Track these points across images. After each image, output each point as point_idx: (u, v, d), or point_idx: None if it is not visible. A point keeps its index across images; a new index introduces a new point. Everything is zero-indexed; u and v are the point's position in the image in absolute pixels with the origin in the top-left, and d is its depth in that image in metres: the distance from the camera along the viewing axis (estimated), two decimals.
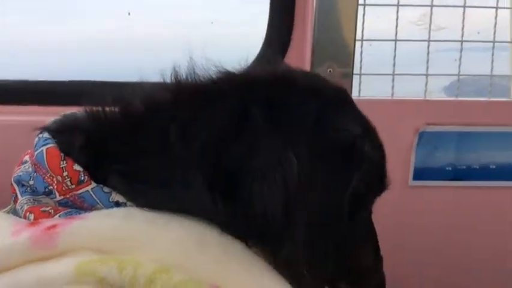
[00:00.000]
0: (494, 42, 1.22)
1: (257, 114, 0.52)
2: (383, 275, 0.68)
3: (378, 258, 0.68)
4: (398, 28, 1.17)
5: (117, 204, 0.52)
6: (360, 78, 1.20)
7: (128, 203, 0.52)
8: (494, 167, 1.19)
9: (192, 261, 0.47)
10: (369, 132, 0.60)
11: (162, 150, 0.52)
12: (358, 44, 1.17)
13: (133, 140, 0.53)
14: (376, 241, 0.68)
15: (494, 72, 1.21)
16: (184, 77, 0.58)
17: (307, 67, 1.13)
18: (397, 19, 1.16)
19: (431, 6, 1.16)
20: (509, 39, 1.37)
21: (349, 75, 1.14)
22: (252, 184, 0.50)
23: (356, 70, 1.19)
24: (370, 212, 0.66)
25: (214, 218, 0.50)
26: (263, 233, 0.50)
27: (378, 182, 0.62)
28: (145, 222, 0.49)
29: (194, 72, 0.58)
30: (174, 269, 0.45)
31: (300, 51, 1.16)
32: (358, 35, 1.16)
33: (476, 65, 1.36)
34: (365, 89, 1.29)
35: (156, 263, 0.45)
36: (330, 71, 1.13)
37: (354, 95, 1.19)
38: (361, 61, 1.19)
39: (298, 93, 0.56)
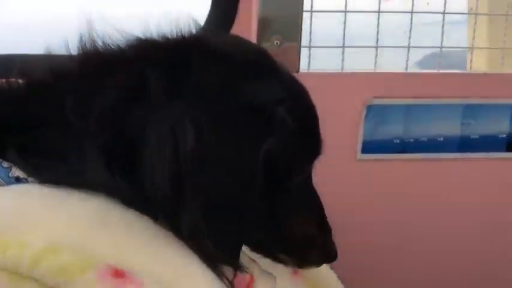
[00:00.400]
0: (444, 13, 1.21)
1: (156, 81, 0.49)
2: (330, 246, 0.66)
3: (322, 228, 0.65)
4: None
5: (18, 179, 0.49)
6: (310, 50, 1.17)
7: (30, 179, 0.49)
8: (442, 139, 1.19)
9: (88, 240, 0.44)
10: (290, 96, 0.56)
11: (59, 123, 0.49)
12: (307, 15, 1.15)
13: (33, 113, 0.51)
14: (319, 210, 0.65)
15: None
16: (94, 46, 0.55)
17: (253, 40, 1.10)
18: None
19: None
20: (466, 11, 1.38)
21: (296, 48, 1.11)
22: (145, 156, 0.47)
23: (307, 43, 1.17)
24: (306, 180, 0.63)
25: (114, 192, 0.48)
26: (160, 206, 0.48)
27: (306, 147, 0.60)
28: (39, 200, 0.46)
29: (105, 41, 0.55)
30: (66, 249, 0.42)
31: (246, 24, 1.12)
32: (307, 7, 1.13)
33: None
34: (319, 63, 1.28)
35: (44, 243, 0.42)
36: (277, 43, 1.10)
37: (303, 68, 1.17)
38: (310, 33, 1.17)
39: (205, 56, 0.53)
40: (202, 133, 0.48)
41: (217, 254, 0.49)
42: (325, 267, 0.91)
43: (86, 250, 0.43)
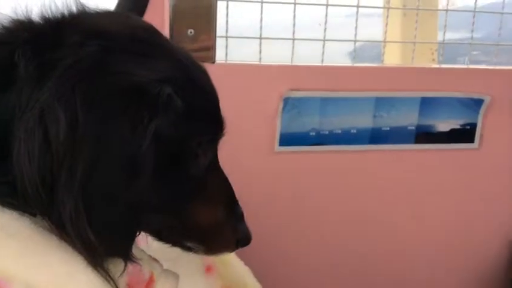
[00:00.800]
0: (358, 6, 1.22)
1: (26, 63, 0.45)
2: (242, 230, 0.63)
3: (232, 213, 0.62)
4: None
5: None
6: (227, 41, 1.14)
7: None
8: (355, 131, 1.22)
9: None
10: (180, 76, 0.53)
11: None
12: (223, 5, 1.11)
13: None
14: (228, 194, 0.63)
15: None
16: None
17: (166, 32, 1.04)
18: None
19: None
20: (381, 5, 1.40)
21: (212, 39, 1.07)
22: (14, 149, 0.43)
23: (223, 33, 1.14)
24: (211, 163, 0.59)
25: None
26: (34, 204, 0.44)
27: (204, 129, 0.56)
28: None
29: None
30: None
31: (158, 14, 1.06)
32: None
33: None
34: (238, 54, 1.24)
35: None
36: (190, 32, 1.05)
37: (220, 58, 1.13)
38: (226, 23, 1.13)
39: (81, 34, 0.48)
40: (76, 117, 0.43)
41: (101, 246, 0.45)
42: (241, 265, 0.90)
43: None
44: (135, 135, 0.47)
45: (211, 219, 0.60)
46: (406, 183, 1.29)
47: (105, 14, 0.56)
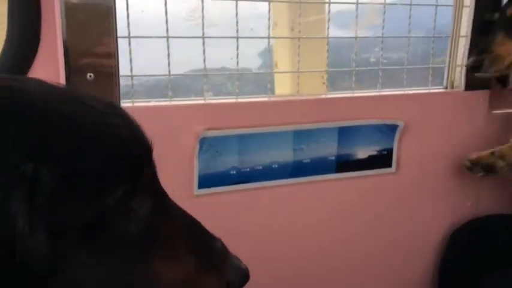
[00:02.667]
0: (269, 38, 1.17)
1: None
2: (231, 271, 0.53)
3: (208, 255, 0.52)
4: (168, 24, 1.03)
5: None
6: (132, 80, 1.03)
7: None
8: (276, 166, 1.16)
9: None
10: (45, 145, 0.43)
11: None
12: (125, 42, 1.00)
13: None
14: (193, 235, 0.52)
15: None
16: None
17: (61, 76, 0.92)
18: (166, 14, 1.02)
19: None
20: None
21: (114, 80, 0.96)
22: None
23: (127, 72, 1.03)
24: (151, 211, 0.48)
25: None
26: None
27: (110, 180, 0.45)
28: None
29: None
30: None
31: (51, 56, 0.93)
32: (123, 33, 0.99)
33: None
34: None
35: None
36: (90, 76, 0.93)
37: (126, 100, 1.02)
38: (130, 61, 1.02)
39: None
40: None
41: None
42: None
43: None
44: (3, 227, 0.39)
45: (180, 272, 0.49)
46: (331, 211, 1.25)
47: None
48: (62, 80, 0.90)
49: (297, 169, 1.18)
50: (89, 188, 0.44)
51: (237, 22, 1.08)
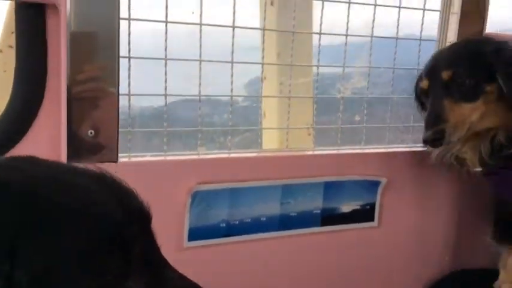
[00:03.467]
0: (261, 97, 1.22)
1: None
2: None
3: None
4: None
5: None
6: (130, 135, 1.07)
7: None
8: (264, 219, 1.19)
9: None
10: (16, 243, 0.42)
11: None
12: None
13: None
14: None
15: None
16: None
17: (63, 133, 0.94)
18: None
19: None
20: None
21: (113, 137, 0.99)
22: None
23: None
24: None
25: None
26: None
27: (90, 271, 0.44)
28: None
29: None
30: None
31: (53, 113, 0.96)
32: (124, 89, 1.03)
33: None
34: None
35: None
36: (91, 133, 0.96)
37: (123, 154, 1.05)
38: (129, 116, 1.06)
39: None
40: None
41: None
42: None
43: None
44: None
45: None
46: (316, 264, 1.28)
47: None
48: (63, 137, 0.93)
49: (284, 222, 1.21)
50: (71, 280, 0.43)
51: (231, 82, 1.14)
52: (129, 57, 1.03)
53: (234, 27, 1.09)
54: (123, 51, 1.00)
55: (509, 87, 0.99)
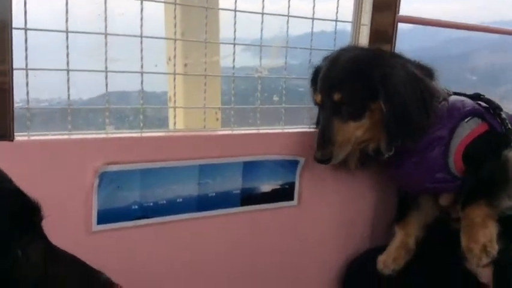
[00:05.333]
0: (175, 74, 1.16)
1: None
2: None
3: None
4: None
5: None
6: (28, 112, 0.97)
7: None
8: (181, 200, 1.13)
9: None
10: None
11: None
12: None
13: None
14: (78, 275, 0.61)
15: None
16: None
17: None
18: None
19: None
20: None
21: (8, 112, 0.89)
22: None
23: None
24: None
25: None
26: None
27: None
28: None
29: None
30: None
31: None
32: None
33: None
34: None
35: None
36: None
37: (21, 132, 0.95)
38: (27, 93, 0.96)
39: None
40: None
41: None
42: None
43: None
44: None
45: None
46: (236, 244, 1.24)
47: None
48: None
49: (202, 203, 1.16)
50: None
51: (141, 58, 1.07)
52: (26, 29, 0.93)
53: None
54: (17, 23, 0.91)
55: (388, 114, 1.07)
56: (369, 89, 1.08)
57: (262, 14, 1.20)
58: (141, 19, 1.04)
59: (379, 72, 1.07)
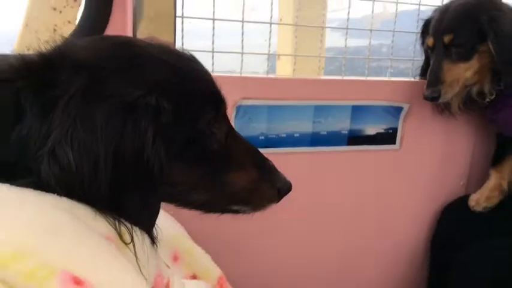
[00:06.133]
0: (270, 23, 1.31)
1: (31, 104, 0.51)
2: (280, 179, 0.69)
3: (264, 168, 0.67)
4: (215, 8, 1.18)
5: None
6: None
7: None
8: (298, 135, 1.30)
9: (44, 247, 0.45)
10: (163, 78, 0.57)
11: None
12: (179, 20, 1.15)
13: None
14: (253, 156, 0.67)
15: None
16: None
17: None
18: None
19: None
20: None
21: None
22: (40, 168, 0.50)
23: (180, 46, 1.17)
24: (226, 136, 0.64)
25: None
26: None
27: (202, 110, 0.60)
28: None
29: None
30: (29, 255, 0.44)
31: (121, 27, 1.08)
32: (179, 13, 1.14)
33: None
34: None
35: (10, 247, 0.43)
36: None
37: None
38: (182, 37, 1.17)
39: (68, 70, 0.53)
40: (83, 147, 0.50)
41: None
42: (202, 253, 0.94)
43: (46, 256, 0.45)
44: (137, 140, 0.52)
45: (247, 180, 0.65)
46: (341, 179, 1.39)
47: (86, 42, 0.59)
48: None
49: (315, 139, 1.32)
50: (191, 115, 0.58)
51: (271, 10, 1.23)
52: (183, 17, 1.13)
53: None
54: None
55: (498, 53, 1.14)
56: (477, 31, 1.16)
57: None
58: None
59: (488, 15, 1.16)
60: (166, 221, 0.91)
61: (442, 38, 1.21)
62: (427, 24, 1.29)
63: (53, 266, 0.44)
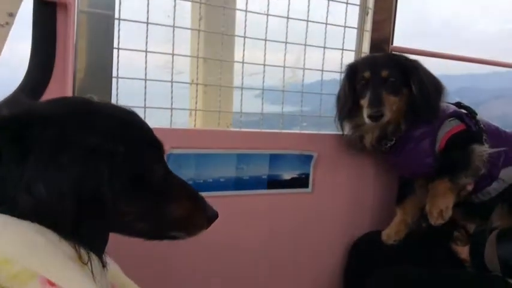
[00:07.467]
0: (197, 84, 1.50)
1: (8, 149, 0.62)
2: (208, 209, 0.80)
3: (196, 200, 0.79)
4: (147, 70, 1.34)
5: None
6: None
7: None
8: (223, 180, 1.45)
9: (25, 258, 0.57)
10: (116, 128, 0.69)
11: None
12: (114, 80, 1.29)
13: None
14: (187, 189, 0.79)
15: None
16: None
17: None
18: (145, 62, 1.33)
19: (173, 54, 1.37)
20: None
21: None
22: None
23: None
24: (164, 174, 0.76)
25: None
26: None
27: (148, 153, 0.72)
28: None
29: None
30: (15, 261, 0.56)
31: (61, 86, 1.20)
32: (114, 73, 1.28)
33: None
34: None
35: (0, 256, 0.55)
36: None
37: None
38: (117, 95, 1.31)
39: (39, 125, 0.64)
40: (56, 185, 0.61)
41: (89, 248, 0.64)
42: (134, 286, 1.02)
43: (27, 264, 0.56)
44: (96, 179, 0.64)
45: (183, 209, 0.76)
46: (261, 219, 1.54)
47: (50, 103, 0.72)
48: None
49: (238, 183, 1.47)
50: (137, 157, 0.70)
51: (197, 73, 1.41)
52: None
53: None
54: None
55: (418, 91, 1.41)
56: (404, 74, 1.41)
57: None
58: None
59: (411, 63, 1.44)
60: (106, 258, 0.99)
61: (380, 72, 1.41)
62: (352, 67, 1.50)
63: (33, 271, 0.56)
